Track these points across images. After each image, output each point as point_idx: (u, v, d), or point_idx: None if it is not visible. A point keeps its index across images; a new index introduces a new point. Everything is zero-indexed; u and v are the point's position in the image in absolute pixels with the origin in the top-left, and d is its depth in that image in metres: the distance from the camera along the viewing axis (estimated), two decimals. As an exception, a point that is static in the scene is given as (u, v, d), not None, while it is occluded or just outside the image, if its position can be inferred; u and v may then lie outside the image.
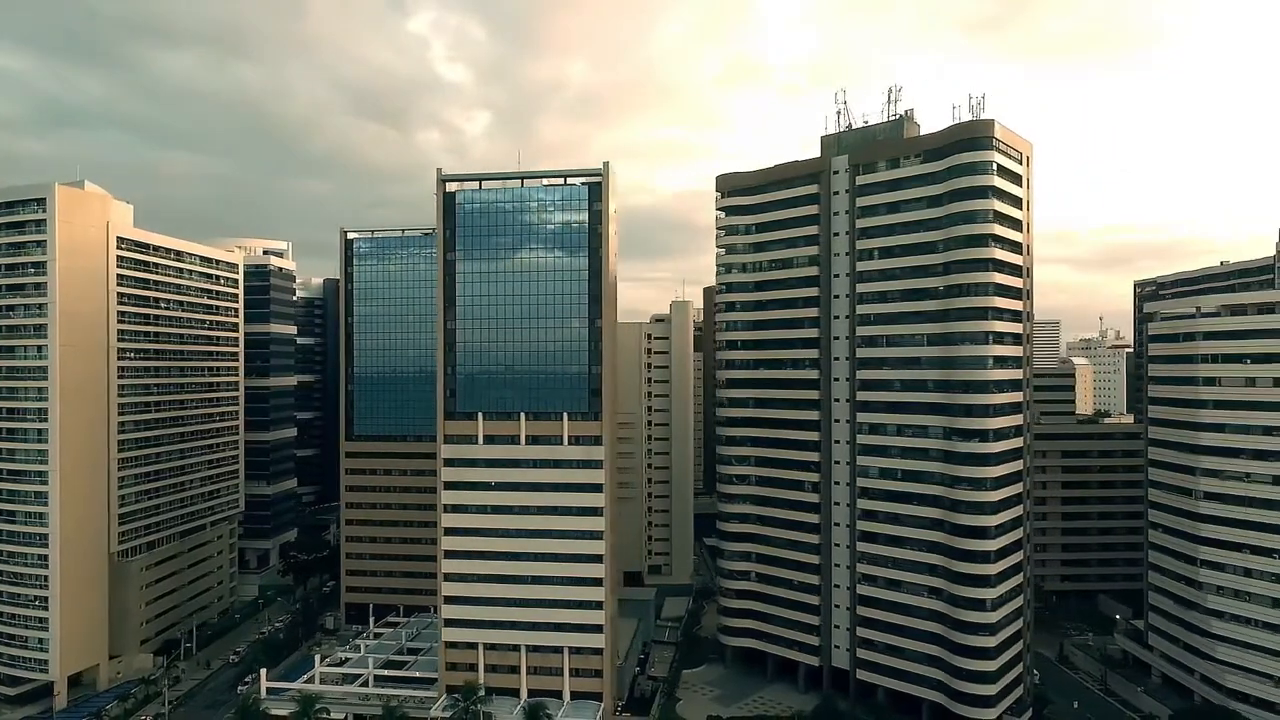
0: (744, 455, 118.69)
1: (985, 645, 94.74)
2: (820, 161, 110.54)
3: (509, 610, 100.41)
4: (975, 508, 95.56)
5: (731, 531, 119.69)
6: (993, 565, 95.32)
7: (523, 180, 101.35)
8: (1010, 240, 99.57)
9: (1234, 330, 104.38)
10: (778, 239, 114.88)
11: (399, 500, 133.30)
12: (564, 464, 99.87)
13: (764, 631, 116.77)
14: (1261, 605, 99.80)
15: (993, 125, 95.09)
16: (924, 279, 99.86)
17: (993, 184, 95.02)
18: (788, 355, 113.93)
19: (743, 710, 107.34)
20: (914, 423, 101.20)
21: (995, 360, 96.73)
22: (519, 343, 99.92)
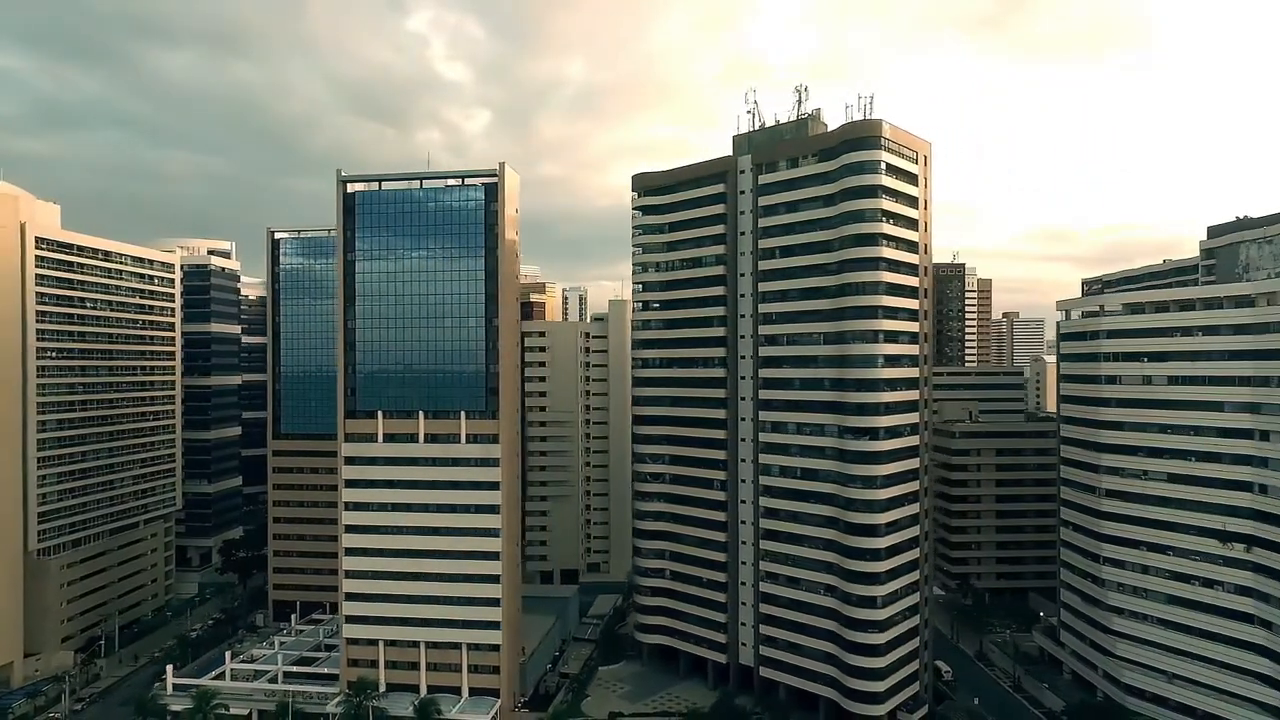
0: (658, 454, 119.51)
1: (874, 642, 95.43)
2: (727, 161, 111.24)
3: (408, 607, 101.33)
4: (865, 505, 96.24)
5: (646, 530, 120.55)
6: (882, 563, 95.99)
7: (421, 181, 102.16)
8: (905, 239, 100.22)
9: (1131, 329, 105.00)
10: (688, 239, 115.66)
11: (325, 498, 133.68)
12: (462, 462, 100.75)
13: (676, 629, 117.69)
14: (1157, 602, 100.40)
15: (880, 125, 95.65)
16: (819, 278, 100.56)
17: (881, 183, 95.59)
18: (698, 354, 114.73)
19: (648, 707, 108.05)
20: (811, 421, 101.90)
21: (886, 359, 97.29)
22: (418, 342, 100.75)
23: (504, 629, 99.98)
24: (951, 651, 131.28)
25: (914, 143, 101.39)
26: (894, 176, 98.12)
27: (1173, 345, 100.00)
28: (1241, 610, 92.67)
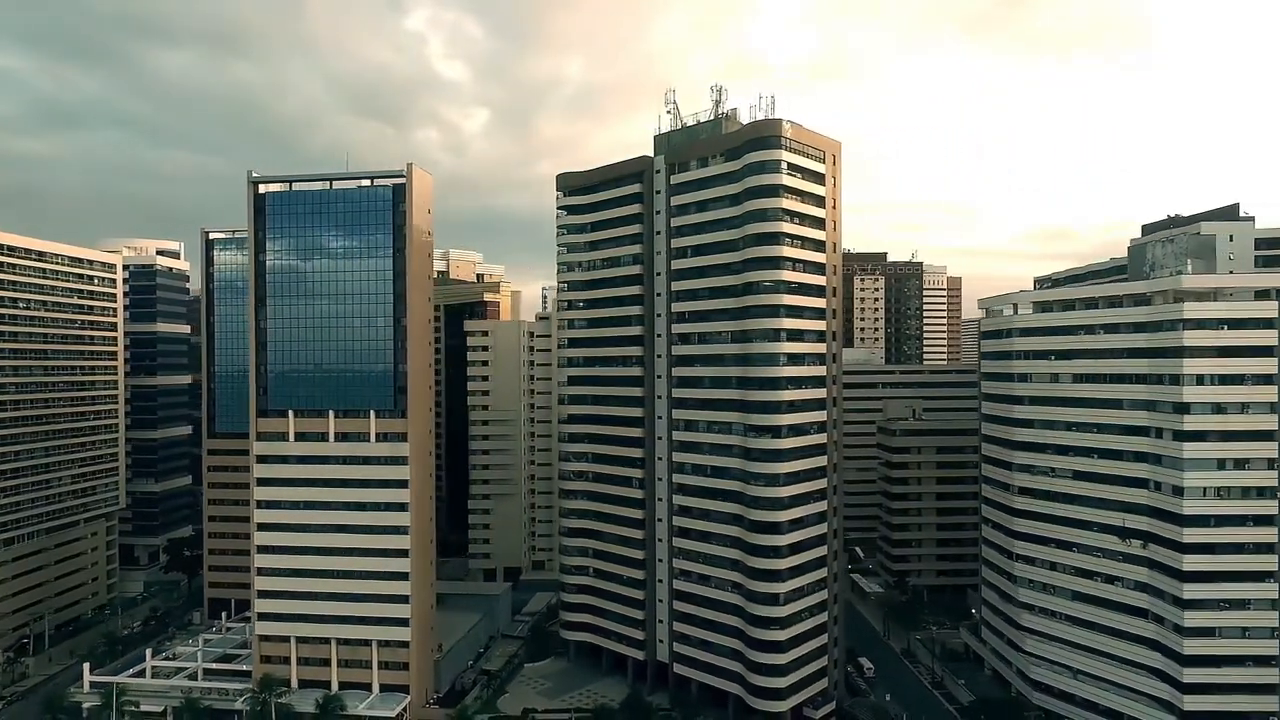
0: (582, 453, 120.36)
1: (776, 639, 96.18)
2: (644, 161, 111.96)
3: (320, 604, 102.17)
4: (767, 503, 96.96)
5: (571, 528, 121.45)
6: (784, 560, 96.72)
7: (331, 182, 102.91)
8: (812, 239, 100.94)
9: (1039, 327, 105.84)
10: (608, 238, 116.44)
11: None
12: (372, 461, 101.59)
13: (599, 626, 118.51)
14: (1063, 598, 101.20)
15: (780, 125, 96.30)
16: (726, 277, 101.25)
17: (782, 183, 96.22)
18: (617, 354, 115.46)
19: (563, 703, 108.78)
20: (720, 419, 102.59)
21: (789, 358, 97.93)
22: (327, 341, 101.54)
23: (413, 626, 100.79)
24: (880, 648, 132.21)
25: (821, 142, 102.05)
26: (798, 176, 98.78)
27: (1077, 343, 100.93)
28: (1139, 606, 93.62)
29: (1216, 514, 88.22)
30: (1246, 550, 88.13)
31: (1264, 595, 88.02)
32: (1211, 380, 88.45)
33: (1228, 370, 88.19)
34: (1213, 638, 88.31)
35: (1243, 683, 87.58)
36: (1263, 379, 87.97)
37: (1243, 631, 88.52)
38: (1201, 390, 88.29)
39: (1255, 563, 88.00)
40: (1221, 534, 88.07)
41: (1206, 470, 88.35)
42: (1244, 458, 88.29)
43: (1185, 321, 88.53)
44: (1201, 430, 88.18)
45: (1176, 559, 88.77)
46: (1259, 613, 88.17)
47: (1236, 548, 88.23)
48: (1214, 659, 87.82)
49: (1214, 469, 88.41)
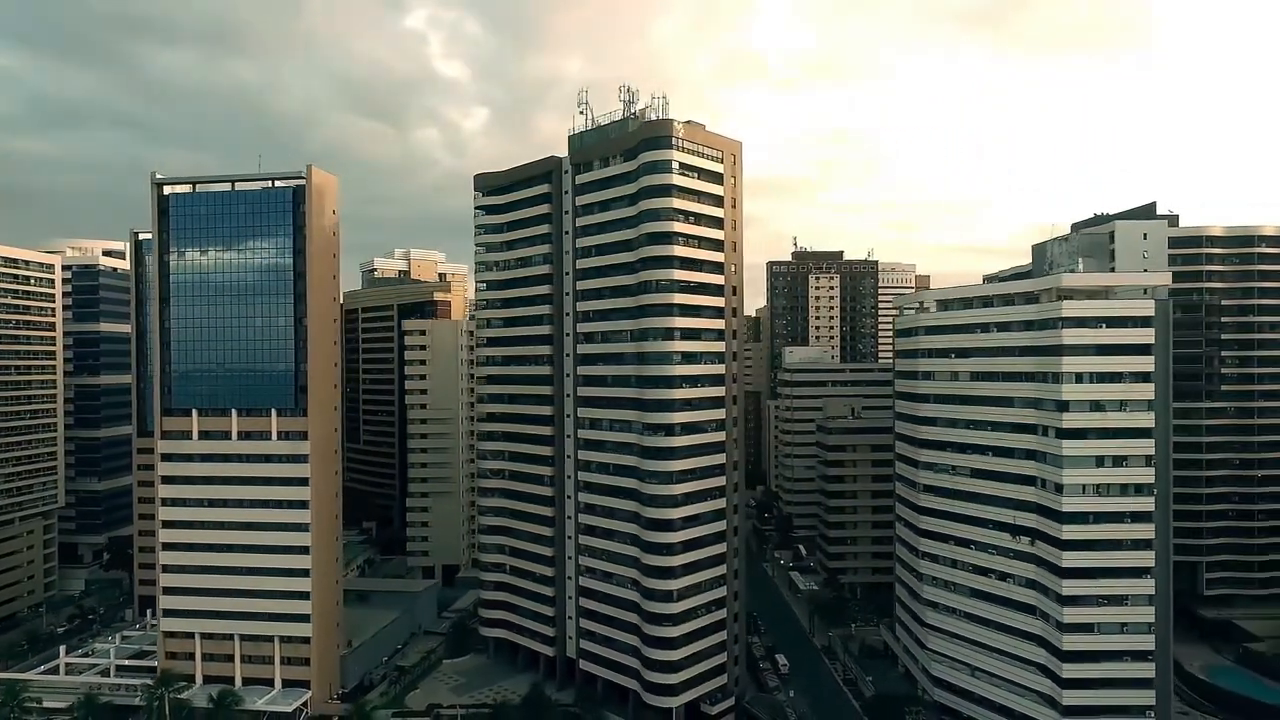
0: (498, 450, 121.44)
1: (668, 635, 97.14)
2: (552, 161, 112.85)
3: (223, 600, 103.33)
4: (661, 500, 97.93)
5: (487, 526, 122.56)
6: (677, 557, 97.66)
7: (234, 184, 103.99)
8: (709, 238, 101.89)
9: (942, 325, 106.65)
10: (521, 238, 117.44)
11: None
12: (274, 459, 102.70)
13: (514, 623, 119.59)
14: (962, 595, 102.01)
15: (671, 125, 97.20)
16: (624, 276, 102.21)
17: (674, 183, 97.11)
18: (529, 353, 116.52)
19: (475, 698, 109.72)
20: (620, 418, 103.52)
21: (684, 356, 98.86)
22: (230, 341, 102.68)
23: (315, 622, 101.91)
24: (804, 645, 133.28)
25: (719, 142, 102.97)
26: (694, 176, 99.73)
27: (974, 341, 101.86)
28: (1029, 603, 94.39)
29: (1095, 511, 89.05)
30: (1125, 547, 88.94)
31: (1141, 591, 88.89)
32: (1090, 378, 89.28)
33: (1106, 368, 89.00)
34: (1091, 633, 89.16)
35: (1120, 677, 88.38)
36: (1140, 377, 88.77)
37: (1121, 627, 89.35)
38: (1080, 388, 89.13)
39: (1133, 559, 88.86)
40: (1100, 531, 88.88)
41: (1085, 468, 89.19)
42: (1123, 455, 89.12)
43: (1064, 320, 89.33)
44: (1080, 428, 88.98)
45: (1057, 555, 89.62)
46: (1137, 609, 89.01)
47: (1115, 544, 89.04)
48: (1092, 654, 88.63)
49: (1092, 466, 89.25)
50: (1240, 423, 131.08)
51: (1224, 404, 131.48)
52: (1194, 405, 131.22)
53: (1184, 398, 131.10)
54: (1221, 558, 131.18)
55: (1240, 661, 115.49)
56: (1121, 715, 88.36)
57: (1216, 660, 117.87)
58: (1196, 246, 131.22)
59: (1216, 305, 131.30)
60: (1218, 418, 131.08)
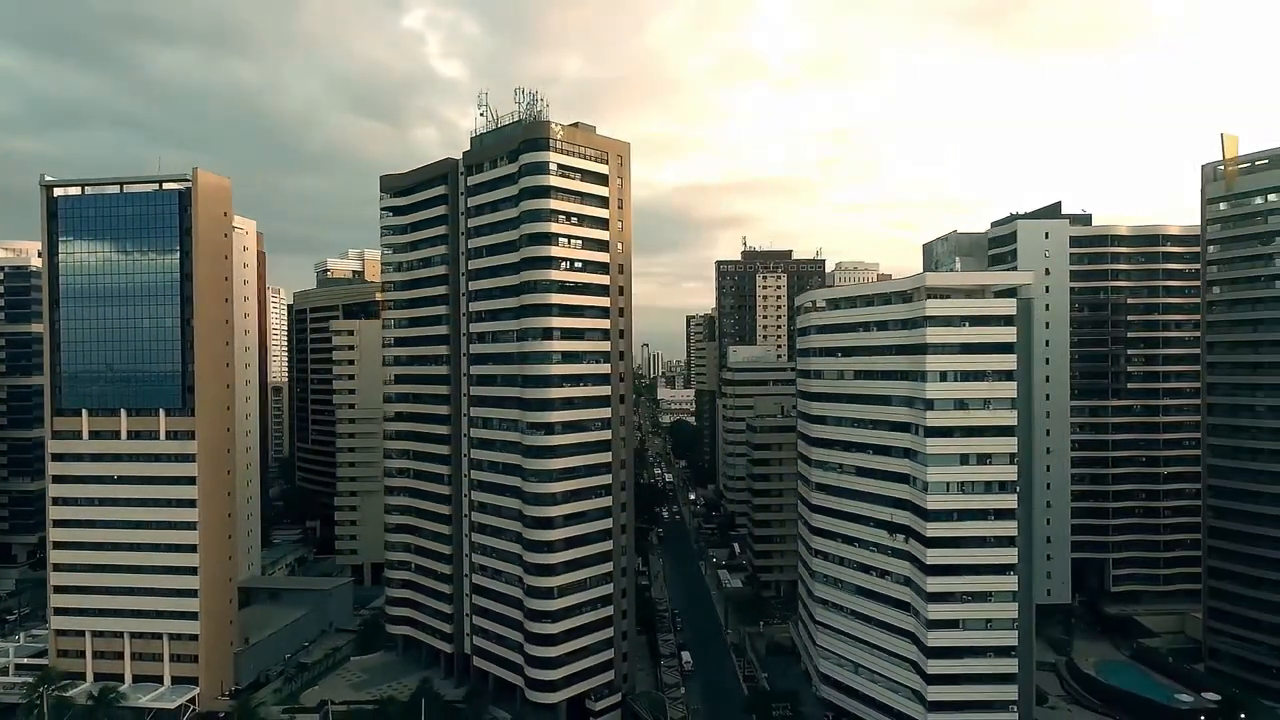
0: (404, 449, 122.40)
1: (548, 632, 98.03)
2: (449, 163, 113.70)
3: (113, 599, 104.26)
4: (541, 499, 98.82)
5: (393, 524, 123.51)
6: (557, 555, 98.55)
7: (122, 186, 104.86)
8: (594, 239, 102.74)
9: (829, 324, 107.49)
10: (423, 239, 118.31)
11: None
12: (162, 458, 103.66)
13: (418, 620, 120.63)
14: (847, 593, 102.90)
15: (547, 127, 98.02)
16: (509, 276, 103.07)
17: (550, 183, 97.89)
18: (430, 353, 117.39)
19: (372, 695, 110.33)
20: (507, 417, 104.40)
21: (564, 355, 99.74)
22: (119, 342, 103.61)
23: (204, 619, 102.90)
24: (716, 642, 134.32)
25: (603, 144, 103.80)
26: (575, 177, 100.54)
27: (856, 340, 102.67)
28: (904, 600, 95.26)
29: (959, 508, 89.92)
30: (989, 544, 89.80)
31: (1005, 588, 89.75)
32: (955, 376, 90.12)
33: (969, 366, 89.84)
34: (957, 630, 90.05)
35: (984, 673, 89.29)
36: (1004, 375, 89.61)
37: (986, 623, 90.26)
38: (943, 386, 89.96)
39: (997, 556, 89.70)
40: (964, 528, 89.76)
41: (949, 465, 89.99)
42: (987, 453, 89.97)
43: (928, 319, 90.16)
44: (945, 426, 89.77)
45: (923, 553, 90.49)
46: (1000, 605, 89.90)
47: (979, 541, 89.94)
48: (956, 650, 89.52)
49: (956, 464, 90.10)
50: (1146, 420, 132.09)
51: (1130, 402, 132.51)
52: (1100, 404, 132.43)
53: (1091, 396, 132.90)
54: (1128, 554, 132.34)
55: (1135, 657, 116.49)
56: (985, 710, 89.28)
57: (1115, 656, 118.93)
58: (1102, 245, 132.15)
59: (1123, 304, 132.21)
60: (1123, 416, 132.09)
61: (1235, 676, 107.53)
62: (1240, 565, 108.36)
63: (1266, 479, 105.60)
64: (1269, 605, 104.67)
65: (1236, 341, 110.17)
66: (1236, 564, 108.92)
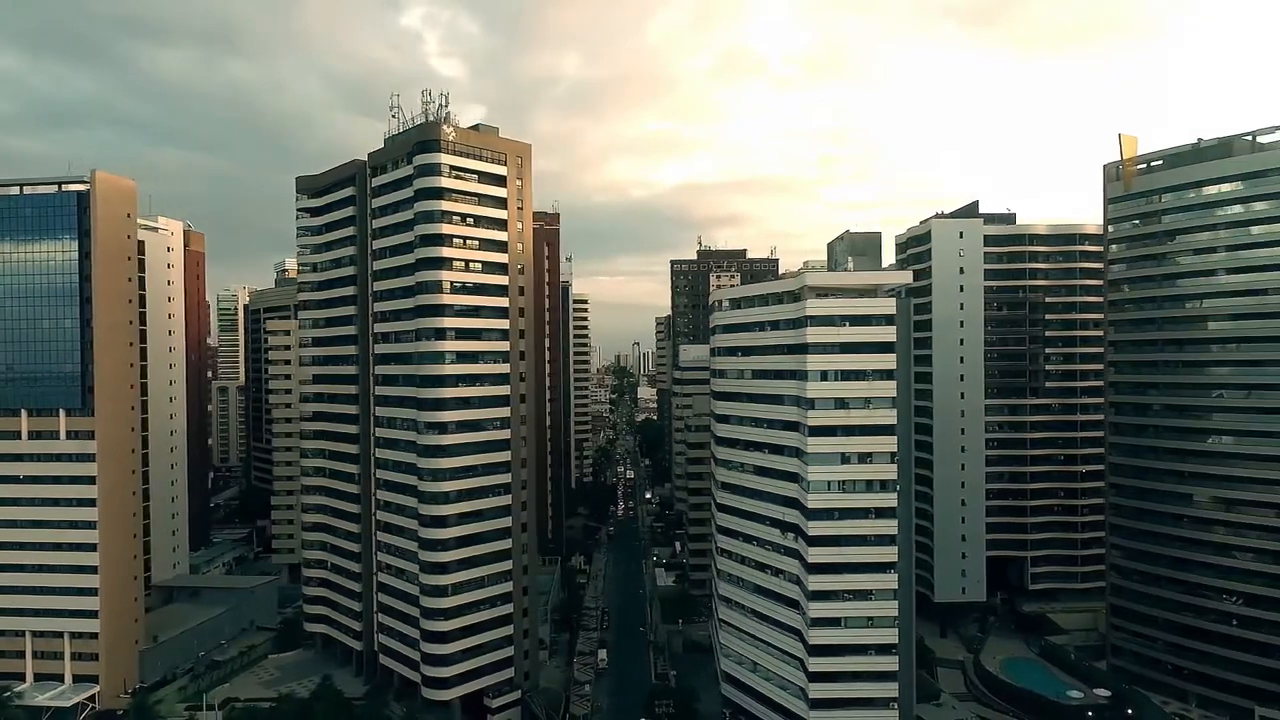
0: (320, 449, 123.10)
1: (442, 630, 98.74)
2: (357, 164, 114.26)
3: (14, 598, 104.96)
4: (434, 498, 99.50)
5: (310, 522, 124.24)
6: (449, 553, 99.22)
7: (21, 187, 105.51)
8: (492, 240, 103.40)
9: (731, 324, 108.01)
10: (334, 240, 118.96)
11: None
12: (62, 458, 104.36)
13: (333, 618, 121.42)
14: (747, 591, 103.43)
15: (437, 129, 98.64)
16: (406, 278, 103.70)
17: (441, 185, 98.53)
18: (341, 352, 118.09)
19: (280, 692, 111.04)
20: (405, 417, 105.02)
21: (459, 355, 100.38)
22: (19, 342, 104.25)
23: (105, 618, 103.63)
24: (636, 640, 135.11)
25: (502, 145, 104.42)
26: (473, 179, 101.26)
27: (754, 340, 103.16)
28: (794, 599, 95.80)
29: (841, 507, 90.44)
30: (870, 542, 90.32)
31: (886, 586, 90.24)
32: (835, 375, 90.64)
33: (850, 366, 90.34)
34: (839, 628, 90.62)
35: (865, 671, 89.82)
36: (884, 374, 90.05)
37: (868, 621, 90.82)
38: (824, 386, 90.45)
39: (877, 555, 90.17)
40: (845, 527, 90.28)
41: (831, 464, 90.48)
42: (868, 451, 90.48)
43: (810, 318, 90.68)
44: (827, 425, 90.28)
45: (806, 551, 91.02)
46: (882, 603, 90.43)
47: (860, 540, 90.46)
48: (838, 648, 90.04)
49: (838, 463, 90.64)
50: (1064, 419, 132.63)
51: (1048, 401, 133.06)
52: (1019, 403, 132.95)
53: (1010, 395, 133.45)
54: (1046, 553, 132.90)
55: (1042, 654, 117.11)
56: (866, 708, 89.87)
57: (1026, 653, 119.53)
58: (1020, 244, 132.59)
59: (1041, 303, 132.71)
60: (1042, 415, 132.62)
61: (1134, 672, 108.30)
62: (1138, 563, 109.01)
63: (1162, 478, 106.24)
64: (1164, 602, 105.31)
65: (1136, 341, 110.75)
66: (1135, 561, 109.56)
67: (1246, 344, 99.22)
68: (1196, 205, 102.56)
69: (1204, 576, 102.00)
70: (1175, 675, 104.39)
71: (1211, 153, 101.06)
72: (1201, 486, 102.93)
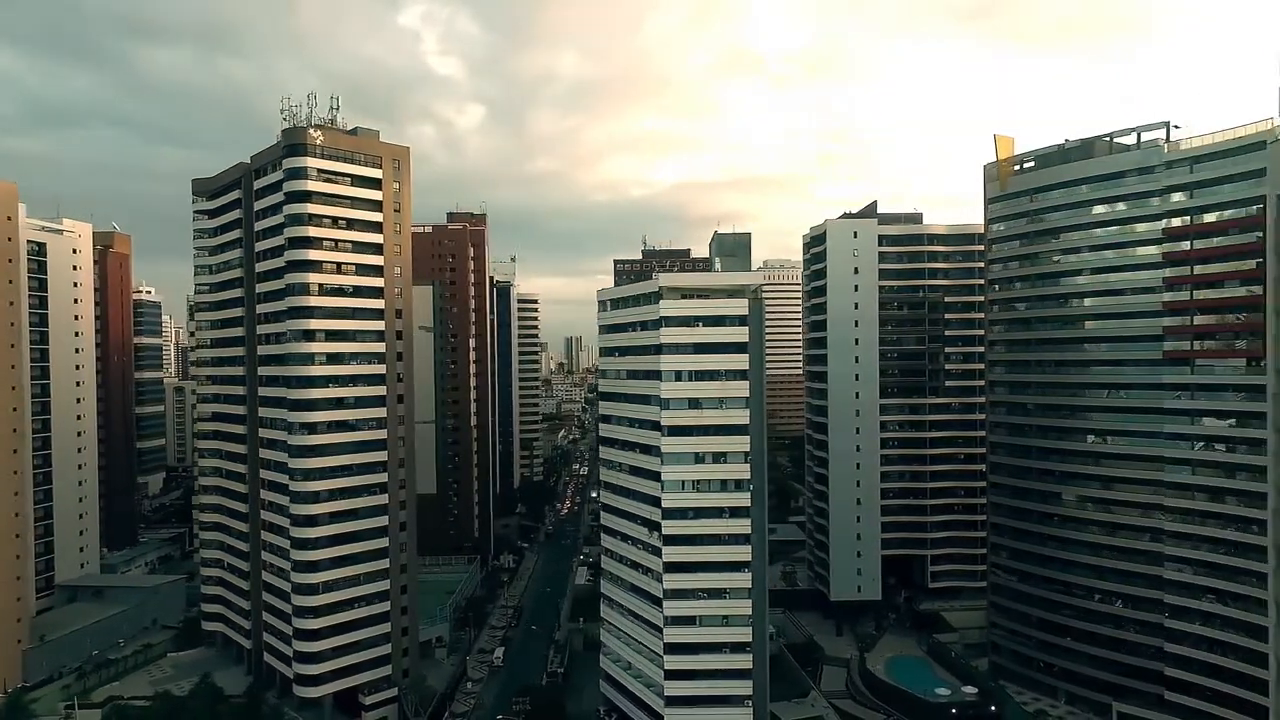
0: (215, 449, 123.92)
1: (310, 627, 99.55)
2: (244, 167, 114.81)
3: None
4: (303, 497, 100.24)
5: (206, 521, 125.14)
6: (319, 552, 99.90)
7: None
8: (368, 243, 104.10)
9: (610, 325, 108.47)
10: (226, 242, 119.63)
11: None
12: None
13: (227, 616, 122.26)
14: (623, 590, 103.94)
15: (305, 133, 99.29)
16: (277, 280, 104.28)
17: (308, 188, 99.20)
18: (231, 354, 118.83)
19: (160, 687, 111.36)
20: (281, 418, 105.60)
21: (330, 357, 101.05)
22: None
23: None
24: (542, 638, 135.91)
25: (377, 148, 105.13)
26: (345, 182, 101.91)
27: (628, 340, 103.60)
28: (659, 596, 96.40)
29: (695, 506, 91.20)
30: (724, 541, 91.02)
31: (740, 585, 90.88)
32: (689, 376, 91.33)
33: (704, 366, 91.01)
34: (694, 626, 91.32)
35: (720, 669, 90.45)
36: (737, 374, 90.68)
37: (724, 620, 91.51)
38: (678, 386, 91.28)
39: (732, 554, 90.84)
40: (700, 526, 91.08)
41: (685, 464, 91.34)
42: (722, 451, 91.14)
43: (665, 319, 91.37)
44: (681, 425, 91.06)
45: (660, 550, 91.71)
46: (736, 601, 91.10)
47: (714, 539, 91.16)
48: (693, 646, 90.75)
49: (692, 462, 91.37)
50: (963, 418, 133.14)
51: (948, 400, 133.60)
52: (919, 401, 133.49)
53: (910, 394, 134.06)
54: (946, 551, 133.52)
55: (929, 652, 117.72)
56: (721, 705, 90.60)
57: (916, 652, 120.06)
58: (919, 244, 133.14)
59: (941, 302, 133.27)
60: (941, 414, 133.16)
61: (1012, 670, 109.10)
62: (1014, 562, 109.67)
63: (1036, 477, 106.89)
64: (1036, 600, 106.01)
65: (1010, 340, 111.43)
66: (1011, 560, 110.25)
67: (1110, 344, 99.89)
68: (1061, 206, 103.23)
69: (1072, 575, 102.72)
70: (1047, 672, 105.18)
71: (1075, 154, 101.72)
72: (1071, 486, 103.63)
